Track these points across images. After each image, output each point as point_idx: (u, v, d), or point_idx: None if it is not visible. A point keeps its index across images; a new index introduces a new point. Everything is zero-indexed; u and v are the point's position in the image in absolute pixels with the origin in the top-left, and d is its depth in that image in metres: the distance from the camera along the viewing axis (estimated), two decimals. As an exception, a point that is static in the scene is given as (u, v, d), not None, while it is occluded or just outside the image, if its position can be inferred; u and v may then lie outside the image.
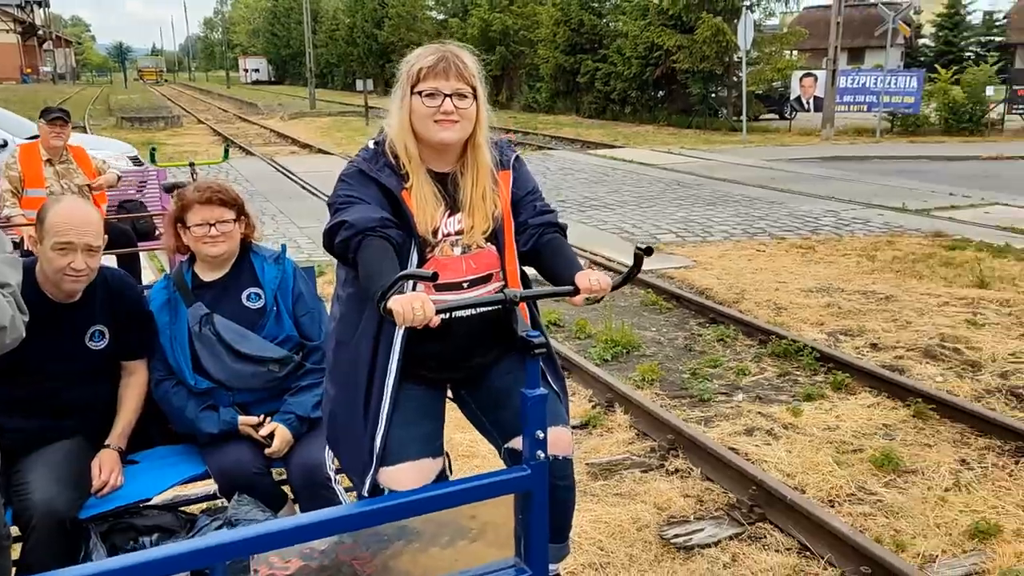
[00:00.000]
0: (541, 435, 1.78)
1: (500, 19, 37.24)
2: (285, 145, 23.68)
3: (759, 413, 4.83)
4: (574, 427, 4.65)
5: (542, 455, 1.79)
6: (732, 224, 10.73)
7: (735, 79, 25.28)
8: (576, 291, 2.10)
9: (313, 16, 49.68)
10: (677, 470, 4.14)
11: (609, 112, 31.10)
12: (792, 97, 25.50)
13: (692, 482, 4.02)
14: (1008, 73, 24.87)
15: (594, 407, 4.92)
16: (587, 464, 4.21)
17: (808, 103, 24.73)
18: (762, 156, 18.99)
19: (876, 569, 3.13)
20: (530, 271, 2.43)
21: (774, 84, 26.41)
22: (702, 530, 3.59)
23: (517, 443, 2.06)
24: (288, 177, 15.68)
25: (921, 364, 5.50)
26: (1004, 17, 48.21)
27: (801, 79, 24.77)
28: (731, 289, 7.45)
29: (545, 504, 1.79)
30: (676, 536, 3.54)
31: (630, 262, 2.13)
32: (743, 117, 23.72)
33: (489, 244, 2.27)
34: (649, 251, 2.02)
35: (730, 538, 3.54)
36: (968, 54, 42.61)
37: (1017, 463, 4.11)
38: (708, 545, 3.48)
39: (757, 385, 5.31)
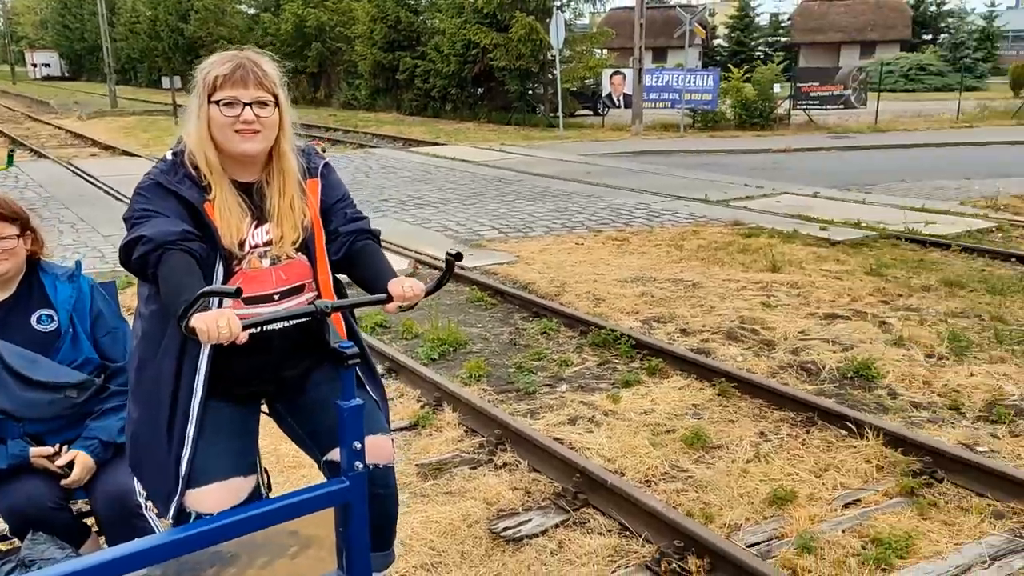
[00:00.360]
0: (358, 446, 1.77)
1: (315, 15, 36.32)
2: (84, 147, 22.03)
3: (581, 402, 5.00)
4: (403, 428, 4.65)
5: (360, 466, 1.78)
6: (552, 219, 11.04)
7: (550, 77, 26.00)
8: (389, 299, 2.10)
9: (110, 7, 46.40)
10: (505, 464, 4.23)
11: (430, 109, 31.14)
12: (604, 94, 26.57)
13: (520, 474, 4.12)
14: (791, 71, 27.09)
15: (423, 407, 4.93)
16: (417, 465, 4.22)
17: (618, 100, 25.85)
18: (578, 151, 19.64)
19: (688, 542, 3.34)
20: (345, 278, 2.41)
21: (587, 82, 27.39)
22: (530, 520, 3.70)
23: (336, 455, 2.03)
24: (89, 181, 14.60)
25: (724, 346, 5.90)
26: (788, 19, 52.51)
27: (611, 77, 25.86)
28: (552, 282, 7.67)
29: (365, 515, 1.78)
30: (505, 529, 3.62)
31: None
32: (559, 114, 24.48)
33: (300, 254, 2.23)
34: (459, 256, 2.06)
35: (556, 526, 3.65)
36: (758, 53, 46.09)
37: (808, 432, 4.50)
38: (536, 535, 3.58)
39: (579, 375, 5.50)
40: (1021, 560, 3.30)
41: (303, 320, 2.10)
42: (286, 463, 4.08)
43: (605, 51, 33.34)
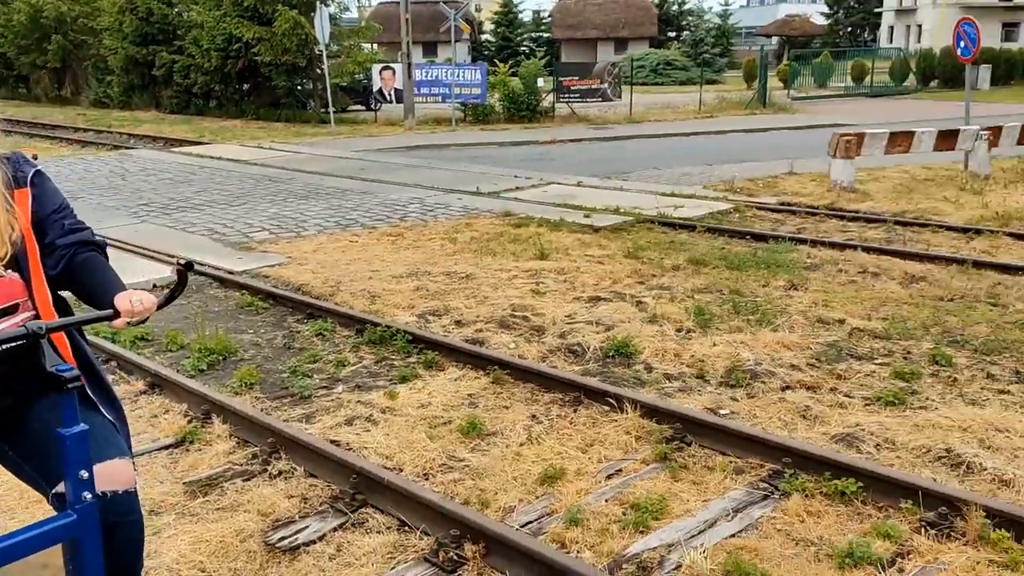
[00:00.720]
0: (86, 475, 1.65)
1: (53, 4, 33.14)
2: None
3: (359, 401, 4.97)
4: (168, 446, 4.41)
5: (89, 496, 1.66)
6: (326, 216, 10.86)
7: (319, 72, 25.48)
8: (116, 314, 1.97)
9: None
10: (280, 472, 4.11)
11: (193, 107, 29.48)
12: (375, 89, 26.41)
13: (296, 481, 4.03)
14: (553, 66, 28.29)
15: (190, 421, 4.68)
16: (184, 483, 4.00)
17: (390, 95, 25.81)
18: (352, 147, 19.44)
19: (464, 529, 3.41)
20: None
21: (357, 77, 27.09)
22: (307, 527, 3.62)
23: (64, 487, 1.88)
24: None
25: (497, 334, 6.07)
26: (549, 15, 54.88)
27: (381, 72, 25.75)
28: (327, 282, 7.54)
29: (98, 548, 1.67)
30: (281, 539, 3.53)
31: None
32: (330, 109, 24.06)
33: (10, 272, 2.03)
34: (190, 266, 1.97)
35: (334, 529, 3.61)
36: (524, 48, 47.81)
37: (576, 411, 4.74)
38: (313, 541, 3.52)
39: (356, 374, 5.45)
40: (759, 510, 3.68)
41: (15, 344, 1.92)
42: (33, 497, 3.72)
43: (375, 46, 33.18)
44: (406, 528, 3.61)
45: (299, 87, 27.54)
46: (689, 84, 39.79)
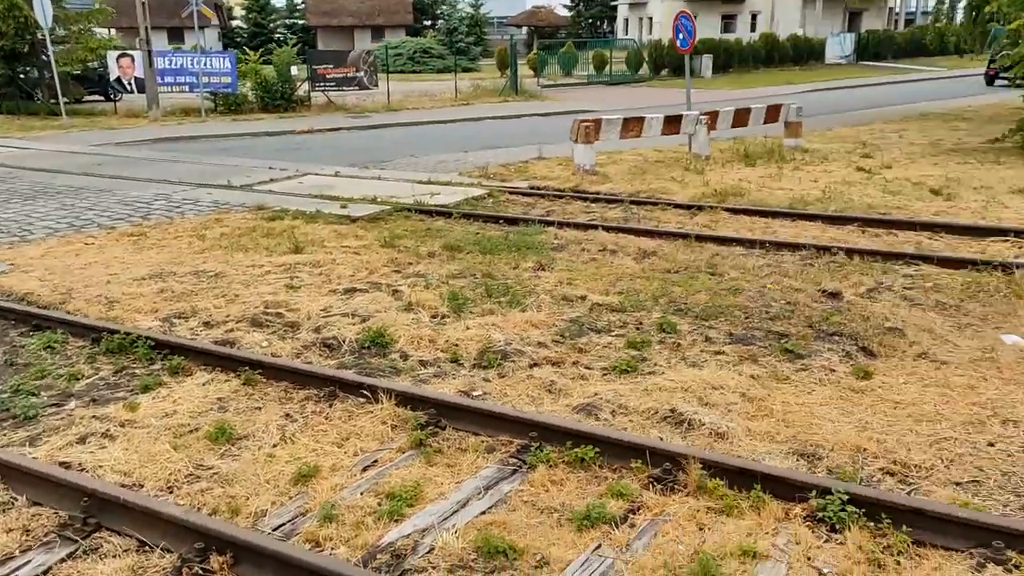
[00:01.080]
0: None
1: None
2: None
3: (94, 417, 4.63)
4: None
5: None
6: (56, 218, 9.99)
7: (44, 59, 23.10)
8: None
9: None
10: (-2, 505, 3.74)
11: None
12: (113, 78, 24.37)
13: (16, 512, 3.68)
14: (306, 54, 27.52)
15: None
16: None
17: (130, 84, 23.94)
18: (88, 141, 18.05)
19: (209, 541, 3.28)
20: None
21: (90, 64, 24.87)
22: (29, 562, 3.33)
23: None
24: None
25: (249, 333, 5.85)
26: (302, 2, 53.40)
27: (118, 59, 23.80)
28: (57, 290, 6.93)
29: None
30: (-2, 579, 3.21)
31: None
32: (61, 100, 21.94)
33: None
34: None
35: (62, 560, 3.34)
36: (279, 35, 46.18)
37: (331, 406, 4.68)
38: (37, 577, 3.24)
39: (92, 387, 5.06)
40: (508, 485, 3.84)
41: None
42: None
43: (112, 31, 30.66)
44: (146, 548, 3.41)
45: (22, 75, 24.82)
46: (446, 72, 40.28)
